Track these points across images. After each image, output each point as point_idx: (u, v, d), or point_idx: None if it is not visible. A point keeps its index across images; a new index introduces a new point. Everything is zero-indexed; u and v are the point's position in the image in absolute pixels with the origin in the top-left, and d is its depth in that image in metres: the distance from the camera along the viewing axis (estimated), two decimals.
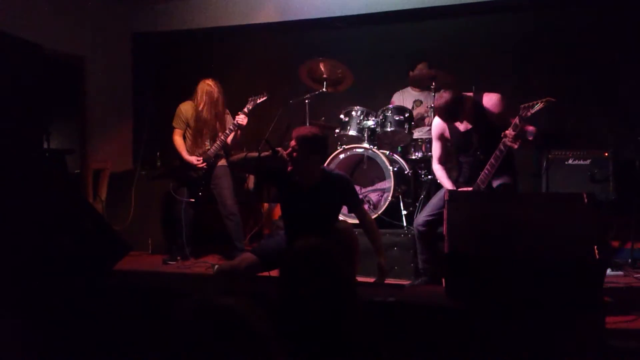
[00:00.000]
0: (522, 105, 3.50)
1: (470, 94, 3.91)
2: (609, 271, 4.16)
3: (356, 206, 3.66)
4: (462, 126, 3.93)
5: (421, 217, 3.97)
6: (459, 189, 3.88)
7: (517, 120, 3.50)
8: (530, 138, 3.66)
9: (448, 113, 3.81)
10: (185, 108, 5.07)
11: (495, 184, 3.83)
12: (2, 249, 2.65)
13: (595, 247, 2.71)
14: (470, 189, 3.80)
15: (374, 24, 6.26)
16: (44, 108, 4.82)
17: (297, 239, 1.92)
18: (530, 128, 3.68)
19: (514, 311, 2.65)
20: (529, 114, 3.45)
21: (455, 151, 4.03)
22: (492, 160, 3.68)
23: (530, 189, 5.15)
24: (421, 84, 5.37)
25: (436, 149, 4.12)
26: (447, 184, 3.99)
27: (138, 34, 7.01)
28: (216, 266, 4.78)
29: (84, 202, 4.01)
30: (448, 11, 5.90)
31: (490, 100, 3.82)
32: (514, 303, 2.66)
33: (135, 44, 7.07)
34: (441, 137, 4.05)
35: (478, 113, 3.82)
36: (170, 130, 5.11)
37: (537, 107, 3.43)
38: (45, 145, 4.79)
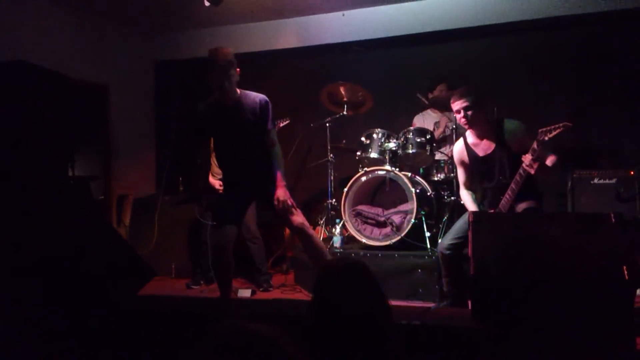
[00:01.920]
0: (540, 130, 3.50)
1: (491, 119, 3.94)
2: (639, 291, 4.07)
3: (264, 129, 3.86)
4: (481, 151, 3.91)
5: (446, 241, 3.94)
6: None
7: (535, 145, 3.50)
8: (550, 165, 3.65)
9: (472, 101, 3.82)
10: None
11: (520, 208, 3.79)
12: (30, 276, 2.69)
13: (625, 267, 2.65)
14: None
15: (392, 47, 6.30)
16: (69, 136, 4.92)
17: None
18: (552, 157, 3.68)
19: (542, 333, 2.60)
20: (546, 138, 3.46)
21: (477, 177, 4.01)
22: (512, 185, 3.68)
23: (555, 210, 5.09)
24: (441, 106, 5.38)
25: (460, 175, 4.11)
26: (472, 207, 3.97)
27: (160, 62, 7.14)
28: (239, 290, 4.78)
29: (108, 227, 4.05)
30: (467, 33, 5.91)
31: (510, 126, 3.83)
32: (541, 325, 2.61)
33: (157, 72, 7.19)
34: (462, 163, 4.05)
35: (499, 137, 3.83)
36: (193, 155, 5.17)
37: (555, 132, 3.44)
38: (70, 173, 4.87)
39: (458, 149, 4.07)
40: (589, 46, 5.57)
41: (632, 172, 4.73)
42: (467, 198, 4.03)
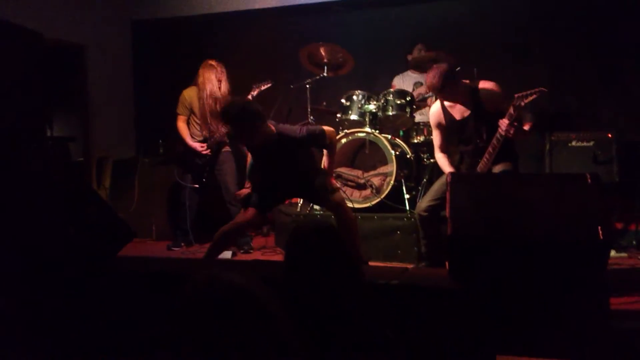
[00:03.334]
0: (517, 95, 3.55)
1: (467, 81, 3.92)
2: (613, 253, 4.16)
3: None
4: (458, 114, 3.92)
5: (423, 203, 3.97)
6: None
7: (511, 110, 3.54)
8: (526, 129, 3.69)
9: (441, 89, 3.79)
10: (189, 94, 5.05)
11: (496, 170, 3.83)
12: (5, 239, 2.66)
13: (600, 228, 2.70)
14: None
15: (373, 7, 6.22)
16: (46, 97, 4.82)
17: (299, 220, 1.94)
18: (528, 122, 3.74)
19: (517, 292, 2.65)
20: (522, 103, 3.52)
21: (454, 140, 4.03)
22: (489, 149, 3.72)
23: (533, 171, 5.14)
24: (421, 67, 5.36)
25: (436, 138, 4.11)
26: (448, 170, 3.99)
27: (138, 22, 6.99)
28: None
29: (87, 188, 4.02)
30: None
31: (486, 87, 3.83)
32: (517, 285, 2.67)
33: (135, 32, 7.05)
34: (439, 126, 4.05)
35: (475, 100, 3.83)
36: (173, 117, 5.10)
37: (530, 97, 3.49)
38: (49, 134, 4.79)
39: (434, 111, 4.06)
40: (569, 7, 5.55)
41: (609, 135, 4.78)
42: (443, 161, 4.05)
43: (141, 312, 2.50)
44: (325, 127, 3.91)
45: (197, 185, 5.05)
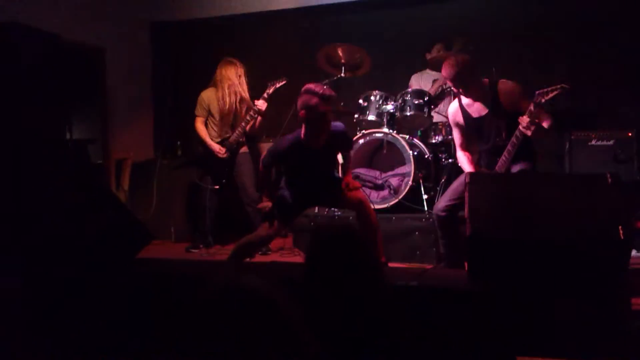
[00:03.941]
0: (538, 92, 3.50)
1: (486, 80, 3.89)
2: (634, 252, 4.10)
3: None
4: (475, 112, 3.89)
5: (441, 203, 3.94)
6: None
7: (531, 107, 3.49)
8: (546, 127, 3.64)
9: (459, 80, 3.76)
10: (207, 95, 5.08)
11: (515, 169, 3.79)
12: (28, 240, 2.70)
13: (620, 227, 2.67)
14: None
15: (391, 7, 6.19)
16: (65, 99, 4.88)
17: (320, 222, 1.94)
18: (548, 120, 3.68)
19: (537, 293, 2.63)
20: (543, 100, 3.46)
21: (473, 139, 4.00)
22: (509, 147, 3.68)
23: (553, 171, 5.09)
24: (439, 67, 5.32)
25: (456, 136, 4.09)
26: (468, 169, 3.96)
27: (156, 23, 7.04)
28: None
29: (106, 191, 4.06)
30: None
31: (505, 87, 3.80)
32: (537, 285, 2.64)
33: (154, 34, 7.10)
34: (457, 125, 4.03)
35: (493, 98, 3.80)
36: (191, 119, 5.13)
37: (552, 93, 3.44)
38: (68, 136, 4.85)
39: (453, 110, 4.04)
40: (590, 4, 5.48)
41: (630, 134, 4.72)
42: (463, 160, 4.02)
43: (159, 314, 2.52)
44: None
45: (217, 187, 5.06)
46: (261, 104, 4.86)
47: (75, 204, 2.91)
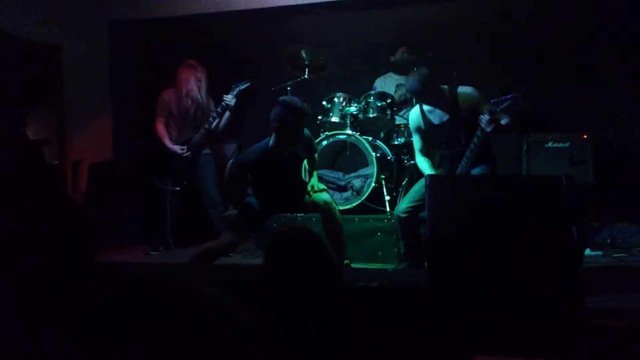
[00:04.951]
0: (492, 101, 3.65)
1: (446, 86, 3.96)
2: (588, 251, 4.22)
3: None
4: (436, 119, 3.97)
5: (403, 205, 4.00)
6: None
7: (487, 114, 3.64)
8: (504, 124, 3.75)
9: (420, 93, 3.84)
10: (168, 96, 5.01)
11: (474, 172, 3.88)
12: None
13: (574, 228, 2.73)
14: None
15: (355, 9, 6.22)
16: (20, 99, 4.75)
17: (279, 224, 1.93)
18: (505, 119, 3.80)
19: (494, 292, 2.67)
20: (497, 109, 3.62)
21: (434, 144, 4.08)
22: (468, 152, 3.79)
23: (511, 172, 5.19)
24: (402, 69, 5.38)
25: (416, 142, 4.16)
26: (429, 172, 4.02)
27: (116, 22, 6.91)
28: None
29: (61, 193, 3.96)
30: None
31: (464, 92, 3.91)
32: (494, 284, 2.69)
33: (113, 32, 6.97)
34: (419, 130, 4.10)
35: (453, 105, 3.88)
36: (152, 119, 5.05)
37: (505, 103, 3.59)
38: (21, 136, 4.72)
39: (414, 116, 4.11)
40: (546, 8, 5.61)
41: (584, 136, 4.84)
42: (424, 164, 4.08)
43: (115, 320, 2.47)
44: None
45: (177, 188, 4.99)
46: (230, 99, 4.79)
47: (27, 207, 2.83)
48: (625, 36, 5.26)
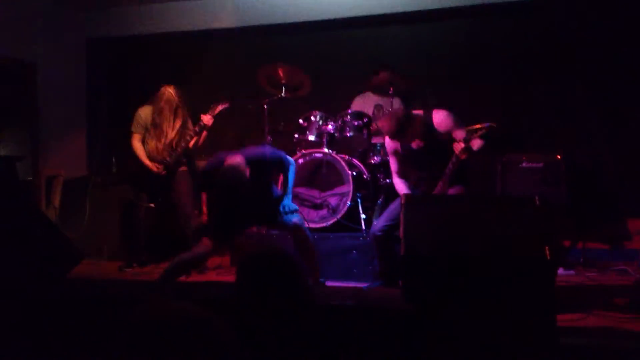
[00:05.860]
0: (467, 129, 3.74)
1: (420, 111, 4.00)
2: (561, 270, 4.28)
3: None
4: (413, 143, 4.00)
5: (379, 223, 4.01)
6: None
7: (462, 142, 3.69)
8: (475, 149, 3.81)
9: (397, 134, 3.89)
10: (145, 112, 4.97)
11: (450, 192, 3.93)
12: None
13: (547, 247, 2.77)
14: None
15: (333, 29, 6.29)
16: None
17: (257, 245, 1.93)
18: (477, 144, 3.84)
19: (468, 311, 2.69)
20: (472, 137, 3.69)
21: (410, 167, 4.11)
22: (444, 174, 3.84)
23: (485, 192, 5.25)
24: (380, 90, 5.43)
25: (393, 164, 4.18)
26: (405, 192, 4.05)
27: (93, 39, 6.88)
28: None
29: (34, 209, 3.91)
30: (405, 17, 5.99)
31: (439, 117, 3.94)
32: (467, 304, 2.71)
33: (89, 49, 6.94)
34: (395, 153, 4.14)
35: (428, 131, 3.91)
36: (127, 136, 5.01)
37: (480, 132, 3.68)
38: None
39: (391, 140, 4.13)
40: (522, 32, 5.75)
41: (558, 157, 4.92)
42: (401, 185, 4.11)
43: (89, 337, 2.43)
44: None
45: (152, 205, 4.94)
46: (207, 120, 4.80)
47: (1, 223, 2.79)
48: (597, 62, 5.42)
